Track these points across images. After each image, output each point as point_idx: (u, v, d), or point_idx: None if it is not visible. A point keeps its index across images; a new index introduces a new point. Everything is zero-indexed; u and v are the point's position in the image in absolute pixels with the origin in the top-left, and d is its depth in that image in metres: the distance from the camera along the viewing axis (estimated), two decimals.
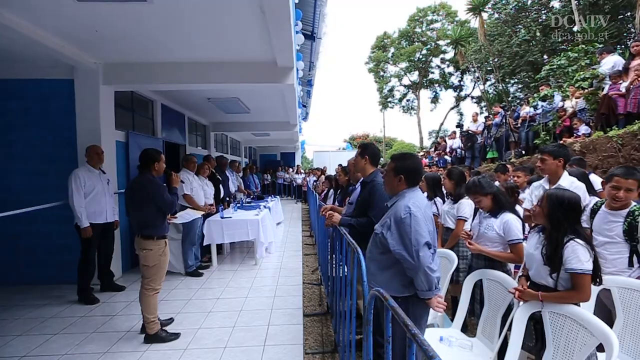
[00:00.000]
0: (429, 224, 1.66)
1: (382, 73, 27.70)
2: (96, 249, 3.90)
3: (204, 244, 4.95)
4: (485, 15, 15.23)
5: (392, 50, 26.45)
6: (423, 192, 3.59)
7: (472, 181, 2.41)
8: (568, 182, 2.45)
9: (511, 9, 14.38)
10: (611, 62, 5.92)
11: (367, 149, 2.35)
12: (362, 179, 2.41)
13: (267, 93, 6.18)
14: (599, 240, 2.11)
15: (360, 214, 2.28)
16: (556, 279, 1.69)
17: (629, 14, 12.59)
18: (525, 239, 2.43)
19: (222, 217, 5.08)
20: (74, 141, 4.32)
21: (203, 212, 4.66)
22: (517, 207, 2.77)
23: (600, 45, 8.87)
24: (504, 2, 14.77)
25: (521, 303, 1.81)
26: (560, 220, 1.72)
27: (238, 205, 6.51)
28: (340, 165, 5.55)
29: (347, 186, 3.73)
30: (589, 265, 1.60)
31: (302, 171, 16.40)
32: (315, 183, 10.73)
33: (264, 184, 15.74)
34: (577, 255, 1.61)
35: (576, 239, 1.64)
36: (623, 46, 12.60)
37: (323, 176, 9.59)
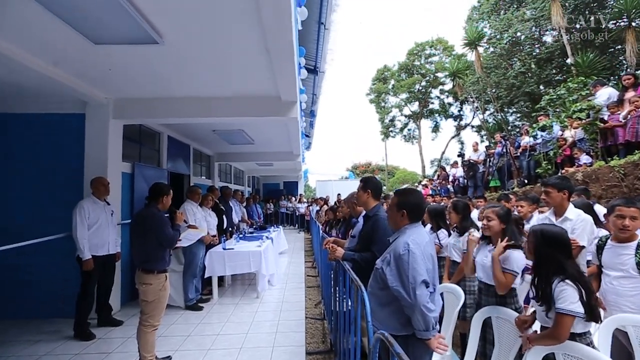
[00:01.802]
0: (428, 262, 1.64)
1: (383, 104, 28.43)
2: (96, 282, 3.85)
3: (205, 276, 4.87)
4: (481, 49, 15.84)
5: (392, 82, 27.32)
6: (426, 224, 3.61)
7: (501, 206, 2.37)
8: (574, 214, 2.43)
9: (505, 44, 14.97)
10: (606, 94, 6.07)
11: (369, 183, 2.37)
12: (364, 212, 2.41)
13: (271, 125, 6.34)
14: (612, 275, 2.05)
15: (363, 249, 2.26)
16: (554, 320, 1.64)
17: (619, 47, 13.05)
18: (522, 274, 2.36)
19: (224, 249, 5.03)
20: (81, 173, 4.40)
21: (204, 233, 4.64)
22: (523, 241, 2.72)
23: (596, 78, 9.14)
24: (498, 37, 15.40)
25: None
26: (547, 256, 1.70)
27: (240, 235, 6.47)
28: (339, 195, 5.56)
29: (350, 218, 3.72)
30: (575, 307, 1.56)
31: (305, 200, 16.39)
32: (318, 212, 10.69)
33: (266, 213, 15.70)
34: (564, 296, 1.58)
35: (566, 280, 1.61)
36: (616, 77, 12.97)
37: (326, 206, 9.57)
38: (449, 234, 3.25)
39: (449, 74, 19.55)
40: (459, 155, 10.58)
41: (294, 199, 16.75)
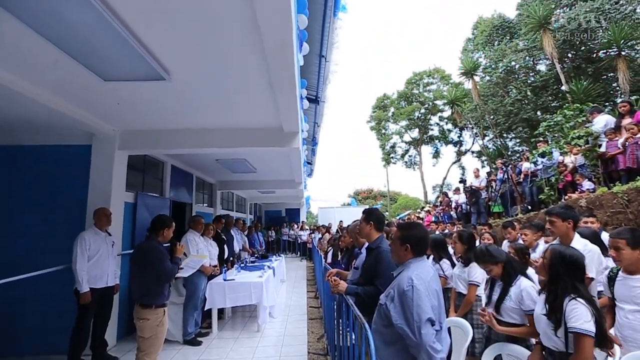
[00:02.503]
0: (433, 298, 1.59)
1: (383, 131, 28.92)
2: (92, 316, 3.74)
3: (205, 308, 4.74)
4: (477, 78, 16.33)
5: (392, 109, 27.98)
6: (428, 256, 3.55)
7: (480, 250, 2.37)
8: (581, 244, 2.40)
9: (501, 73, 15.43)
10: (603, 121, 6.17)
11: (371, 214, 2.36)
12: (367, 244, 2.39)
13: (274, 154, 6.43)
14: (627, 308, 1.99)
15: (366, 282, 2.21)
16: (565, 340, 1.59)
17: (611, 74, 13.40)
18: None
19: (224, 280, 4.93)
20: (85, 203, 4.42)
21: (207, 259, 4.56)
22: (530, 271, 2.67)
23: (593, 105, 9.33)
24: (493, 66, 15.92)
25: None
26: (560, 274, 1.70)
27: (242, 265, 6.36)
28: (341, 222, 5.52)
29: (352, 248, 3.67)
30: (589, 326, 1.52)
31: (307, 228, 16.25)
32: (320, 240, 10.56)
33: (268, 241, 15.52)
34: (577, 314, 1.55)
35: (577, 298, 1.59)
36: (611, 103, 13.23)
37: (328, 234, 9.47)
38: (452, 264, 3.19)
39: (447, 102, 20.03)
40: (460, 182, 10.60)
41: (296, 226, 16.61)
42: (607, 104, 13.14)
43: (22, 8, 1.94)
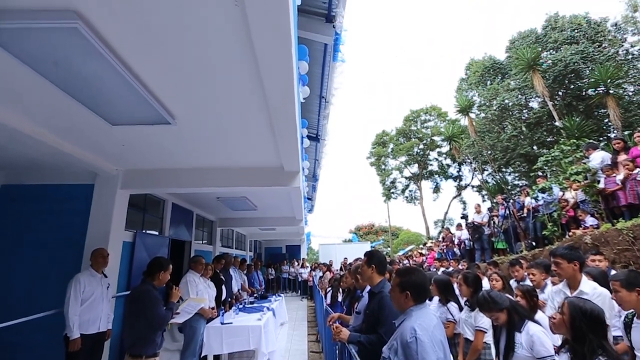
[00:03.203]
0: (439, 350, 1.51)
1: (383, 166, 29.27)
2: None
3: (202, 354, 4.49)
4: (472, 115, 16.83)
5: (391, 145, 28.53)
6: (433, 297, 3.43)
7: (482, 297, 2.28)
8: (590, 287, 2.33)
9: (495, 110, 15.95)
10: (599, 157, 6.26)
11: (373, 257, 2.31)
12: (369, 288, 2.32)
13: (274, 192, 6.46)
14: None
15: (369, 329, 2.11)
16: None
17: (602, 111, 13.82)
18: (556, 353, 2.19)
19: (222, 323, 4.72)
20: (82, 243, 4.36)
21: (205, 303, 4.38)
22: (540, 314, 2.56)
23: (588, 140, 9.53)
24: (487, 104, 16.48)
25: None
26: (584, 332, 1.60)
27: (240, 307, 6.12)
28: (345, 259, 5.40)
29: (354, 290, 3.56)
30: None
31: (308, 265, 15.87)
32: (321, 279, 10.25)
33: (268, 279, 15.08)
34: None
35: None
36: (605, 137, 13.52)
37: (329, 273, 9.23)
38: (460, 307, 3.07)
39: (445, 138, 20.47)
40: (462, 217, 10.51)
41: (296, 263, 16.22)
42: (601, 138, 13.43)
43: (36, 58, 2.06)
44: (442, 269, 8.46)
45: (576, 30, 15.01)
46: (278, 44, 1.79)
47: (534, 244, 7.65)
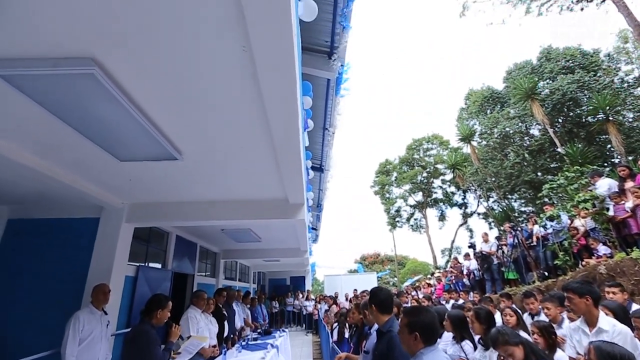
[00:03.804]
0: None
1: (387, 195, 29.18)
2: None
3: None
4: (474, 143, 16.99)
5: (394, 174, 28.62)
6: (446, 333, 3.28)
7: (496, 333, 2.17)
8: (609, 324, 2.22)
9: (496, 138, 16.10)
10: (605, 184, 6.21)
11: (377, 296, 2.20)
12: (377, 326, 2.22)
13: (279, 224, 6.43)
14: None
15: None
16: None
17: (604, 137, 13.89)
18: None
19: None
20: (84, 278, 4.30)
21: (207, 342, 4.20)
22: (560, 354, 2.42)
23: (592, 167, 9.51)
24: (488, 132, 16.68)
25: None
26: None
27: (243, 344, 5.88)
28: (355, 290, 5.23)
29: (362, 326, 3.42)
30: None
31: (313, 298, 15.39)
32: (326, 312, 9.90)
33: (272, 313, 14.58)
34: None
35: None
36: (609, 163, 13.48)
37: (335, 306, 8.93)
38: (475, 347, 2.92)
39: (448, 166, 20.53)
40: (470, 247, 10.27)
41: (301, 296, 15.75)
42: (605, 164, 13.40)
43: (51, 100, 2.15)
44: (452, 301, 8.16)
45: (570, 61, 15.49)
46: (283, 84, 1.87)
47: (546, 274, 7.41)
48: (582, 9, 13.84)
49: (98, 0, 1.51)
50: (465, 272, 10.51)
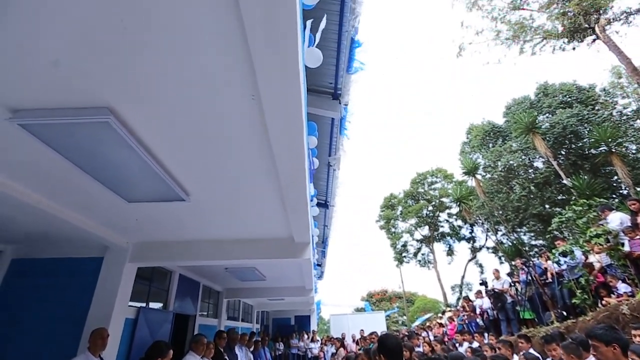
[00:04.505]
0: None
1: (393, 229, 28.75)
2: None
3: None
4: (479, 176, 16.98)
5: (399, 208, 28.41)
6: None
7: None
8: None
9: (501, 171, 16.11)
10: (617, 219, 6.09)
11: (385, 345, 2.06)
12: None
13: (284, 263, 6.31)
14: None
15: None
16: None
17: (609, 168, 13.82)
18: None
19: None
20: (84, 320, 4.17)
21: None
22: None
23: (600, 199, 9.39)
24: (492, 166, 16.73)
25: None
26: None
27: None
28: (362, 331, 4.97)
29: None
30: None
31: (319, 339, 14.65)
32: (333, 356, 9.36)
33: (275, 355, 13.81)
34: None
35: None
36: (618, 195, 13.30)
37: (343, 349, 8.47)
38: None
39: (454, 200, 20.39)
40: (481, 284, 9.89)
41: (306, 336, 15.00)
42: (613, 195, 13.23)
43: (65, 146, 2.22)
44: (465, 343, 7.71)
45: (567, 96, 15.89)
46: (290, 130, 1.93)
47: (564, 313, 7.03)
48: (574, 49, 14.45)
49: (115, 53, 1.61)
50: (478, 311, 10.03)
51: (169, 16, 1.46)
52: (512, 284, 8.57)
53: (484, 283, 9.70)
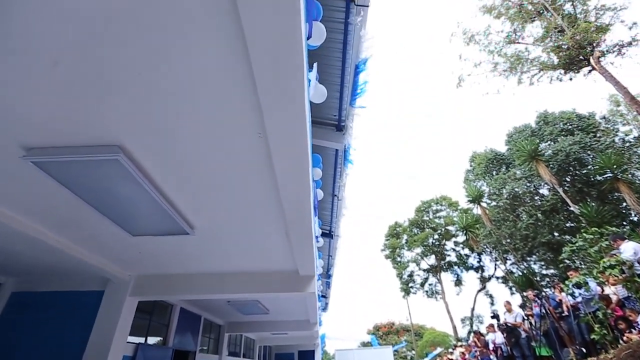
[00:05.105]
0: None
1: (399, 259, 28.11)
2: None
3: None
4: (484, 204, 16.80)
5: (405, 237, 27.94)
6: None
7: None
8: None
9: (506, 199, 15.94)
10: (630, 248, 5.92)
11: None
12: None
13: (288, 296, 6.13)
14: None
15: None
16: None
17: (617, 195, 13.64)
18: None
19: None
20: (79, 357, 4.01)
21: None
22: None
23: (611, 228, 9.18)
24: (497, 193, 16.59)
25: None
26: None
27: None
28: None
29: None
30: None
31: None
32: None
33: None
34: None
35: None
36: (628, 222, 13.01)
37: None
38: None
39: (460, 228, 20.08)
40: (493, 317, 9.48)
41: None
42: (624, 223, 12.95)
43: (75, 182, 2.26)
44: None
45: (568, 124, 16.06)
46: (295, 165, 1.95)
47: (584, 350, 6.66)
48: (570, 79, 14.80)
49: (128, 96, 1.68)
50: (491, 346, 9.55)
51: (183, 64, 1.53)
52: (526, 318, 8.20)
53: (495, 316, 9.30)
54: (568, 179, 15.07)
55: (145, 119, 1.84)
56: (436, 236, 26.40)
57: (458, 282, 26.09)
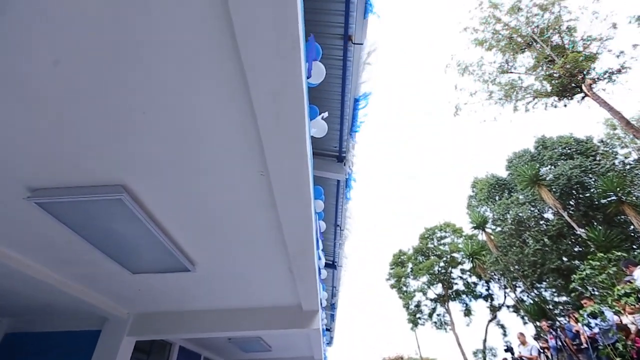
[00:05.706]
0: None
1: (404, 288, 27.27)
2: None
3: None
4: (489, 230, 16.56)
5: (410, 265, 27.30)
6: None
7: None
8: None
9: (511, 224, 15.73)
10: None
11: None
12: None
13: (292, 332, 5.91)
14: None
15: None
16: None
17: (623, 217, 13.43)
18: None
19: None
20: None
21: None
22: None
23: (619, 253, 8.96)
24: (501, 218, 16.41)
25: None
26: None
27: None
28: None
29: None
30: None
31: None
32: None
33: None
34: None
35: None
36: (636, 245, 12.70)
37: None
38: None
39: (465, 255, 19.67)
40: (506, 350, 9.05)
41: None
42: (634, 247, 12.65)
43: (77, 222, 2.25)
44: None
45: (566, 148, 16.20)
46: (298, 201, 1.95)
47: None
48: (565, 106, 15.14)
49: (132, 137, 1.71)
50: None
51: (186, 104, 1.58)
52: (542, 351, 7.82)
53: (509, 349, 8.87)
54: (572, 203, 14.94)
55: (149, 158, 1.87)
56: (442, 264, 25.80)
57: (467, 312, 25.11)
